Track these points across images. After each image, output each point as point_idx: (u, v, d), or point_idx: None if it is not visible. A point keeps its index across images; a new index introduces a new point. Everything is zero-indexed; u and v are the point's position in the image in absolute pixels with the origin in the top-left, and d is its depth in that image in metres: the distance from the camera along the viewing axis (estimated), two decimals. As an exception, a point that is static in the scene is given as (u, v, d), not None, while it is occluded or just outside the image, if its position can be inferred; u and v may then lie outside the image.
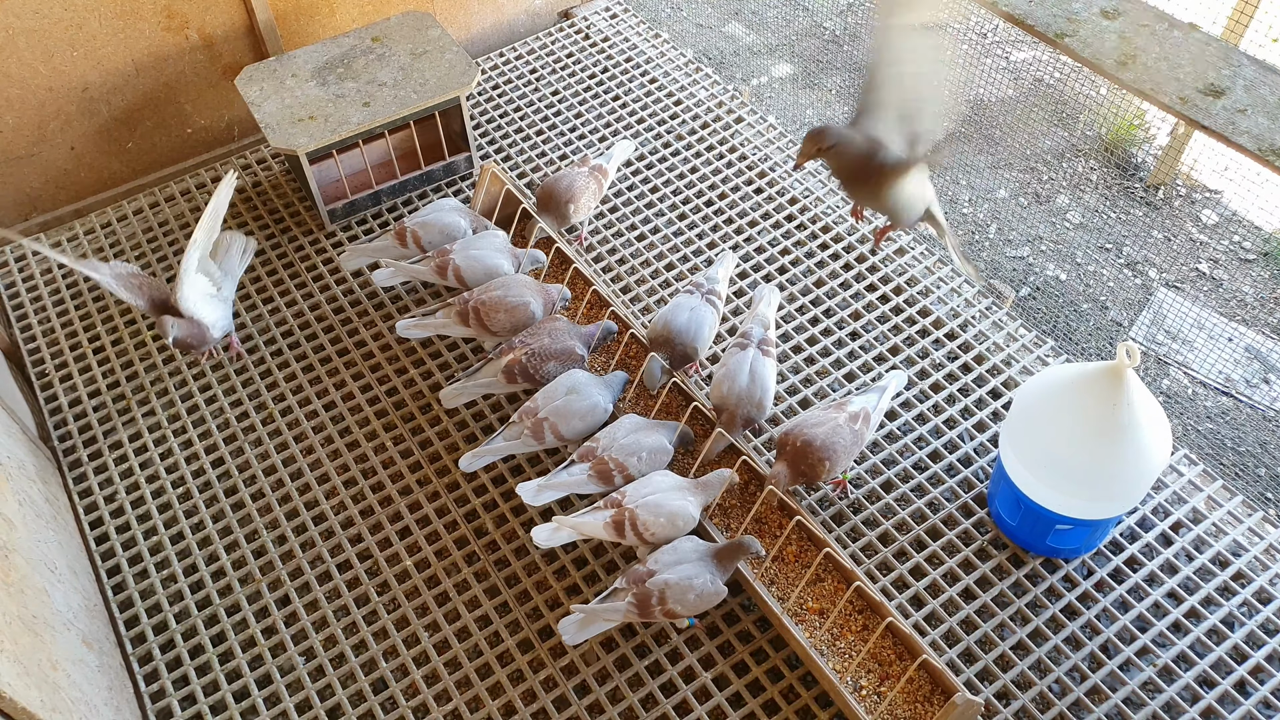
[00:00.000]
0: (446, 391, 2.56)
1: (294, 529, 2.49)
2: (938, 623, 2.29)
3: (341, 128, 2.91)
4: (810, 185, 3.22)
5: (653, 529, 2.18)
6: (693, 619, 2.26)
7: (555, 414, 2.38)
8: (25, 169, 3.20)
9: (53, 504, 2.44)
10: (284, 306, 2.97)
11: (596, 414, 2.41)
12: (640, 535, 2.19)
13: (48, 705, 1.74)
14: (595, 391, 2.42)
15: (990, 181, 3.94)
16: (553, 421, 2.38)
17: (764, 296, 2.63)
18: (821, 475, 2.28)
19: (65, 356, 2.87)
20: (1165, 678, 2.20)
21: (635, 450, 2.31)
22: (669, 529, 2.19)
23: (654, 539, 2.20)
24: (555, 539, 2.24)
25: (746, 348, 2.47)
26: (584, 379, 2.45)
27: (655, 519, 2.18)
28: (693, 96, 3.52)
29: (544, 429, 2.38)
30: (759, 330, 2.52)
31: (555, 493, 2.31)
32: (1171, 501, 2.47)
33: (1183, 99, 2.14)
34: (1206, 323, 3.44)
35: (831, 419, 2.33)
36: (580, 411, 2.39)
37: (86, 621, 2.20)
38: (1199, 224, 3.77)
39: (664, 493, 2.21)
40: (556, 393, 2.42)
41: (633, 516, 2.19)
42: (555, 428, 2.38)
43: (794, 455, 2.28)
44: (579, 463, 2.33)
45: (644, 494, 2.22)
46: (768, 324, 2.55)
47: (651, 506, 2.19)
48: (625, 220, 3.14)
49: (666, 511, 2.18)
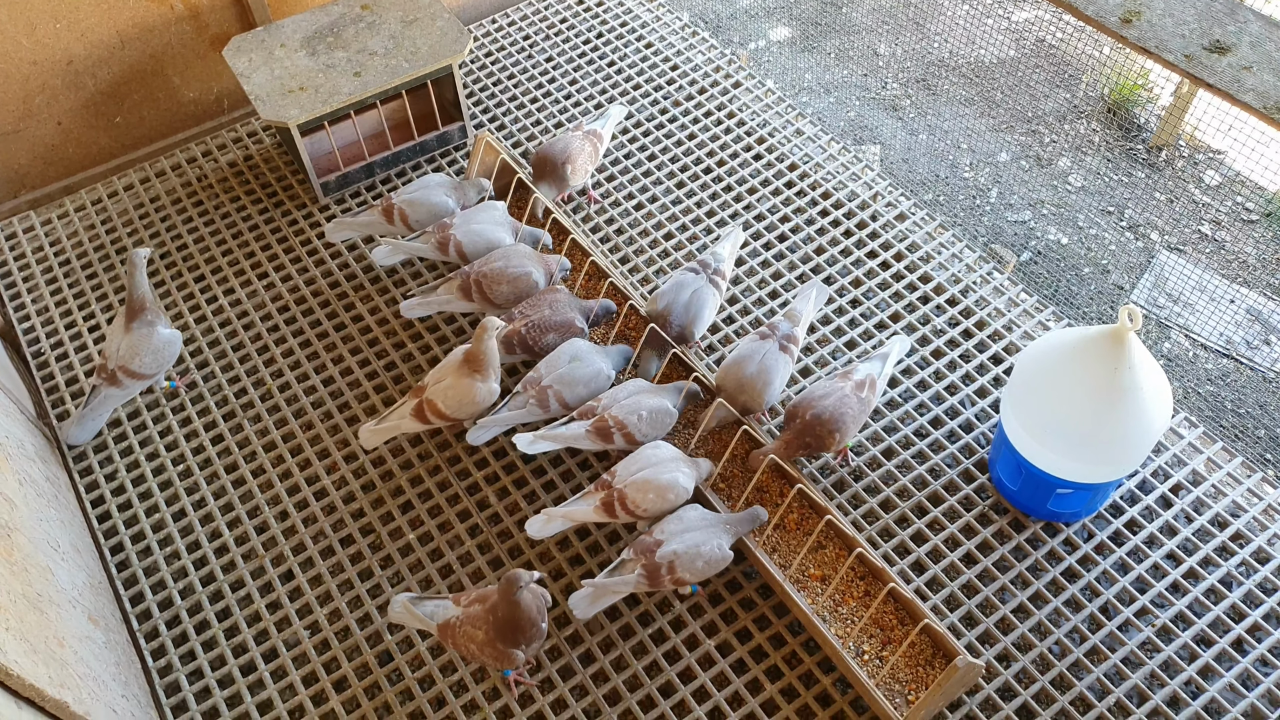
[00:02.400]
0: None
1: (295, 504, 2.49)
2: (939, 587, 2.30)
3: (333, 98, 2.87)
4: (810, 151, 3.19)
5: (644, 505, 2.18)
6: (695, 585, 2.27)
7: (559, 381, 2.38)
8: (12, 145, 3.16)
9: (53, 483, 2.44)
10: (279, 282, 2.95)
11: (600, 380, 2.41)
12: (632, 513, 2.20)
13: (55, 681, 1.75)
14: (598, 358, 2.42)
15: (991, 145, 3.90)
16: (557, 389, 2.37)
17: (808, 294, 2.56)
18: (831, 446, 2.28)
19: (61, 336, 2.86)
20: (1164, 637, 2.21)
21: (636, 409, 2.31)
22: (659, 503, 2.19)
23: (647, 515, 2.20)
24: (548, 530, 2.24)
25: (767, 339, 2.44)
26: (585, 347, 2.44)
27: (645, 495, 2.18)
28: (689, 61, 3.47)
29: (549, 396, 2.37)
30: (786, 325, 2.47)
31: (550, 445, 2.32)
32: (1171, 464, 2.47)
33: (1188, 56, 2.11)
34: (1208, 285, 3.43)
35: (838, 389, 2.32)
36: (584, 378, 2.39)
37: (92, 599, 2.21)
38: (1201, 185, 3.74)
39: (652, 467, 2.21)
40: (559, 361, 2.41)
41: (621, 496, 2.19)
42: (560, 395, 2.38)
43: (802, 428, 2.28)
44: (579, 420, 2.33)
45: (632, 472, 2.21)
46: (799, 320, 2.50)
47: (639, 484, 2.19)
48: (623, 190, 3.11)
49: (655, 486, 2.18)
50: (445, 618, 2.06)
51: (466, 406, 2.36)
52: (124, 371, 2.50)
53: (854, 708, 2.13)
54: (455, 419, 2.39)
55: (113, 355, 2.50)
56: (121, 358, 2.49)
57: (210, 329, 2.84)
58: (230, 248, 3.03)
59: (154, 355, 2.52)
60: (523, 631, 1.97)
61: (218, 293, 2.92)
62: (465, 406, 2.36)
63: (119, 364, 2.49)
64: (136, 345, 2.49)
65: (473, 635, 2.00)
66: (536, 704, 2.16)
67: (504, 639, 1.97)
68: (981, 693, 2.15)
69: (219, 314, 2.88)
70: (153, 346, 2.51)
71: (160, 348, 2.52)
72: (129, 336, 2.49)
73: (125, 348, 2.49)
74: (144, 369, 2.51)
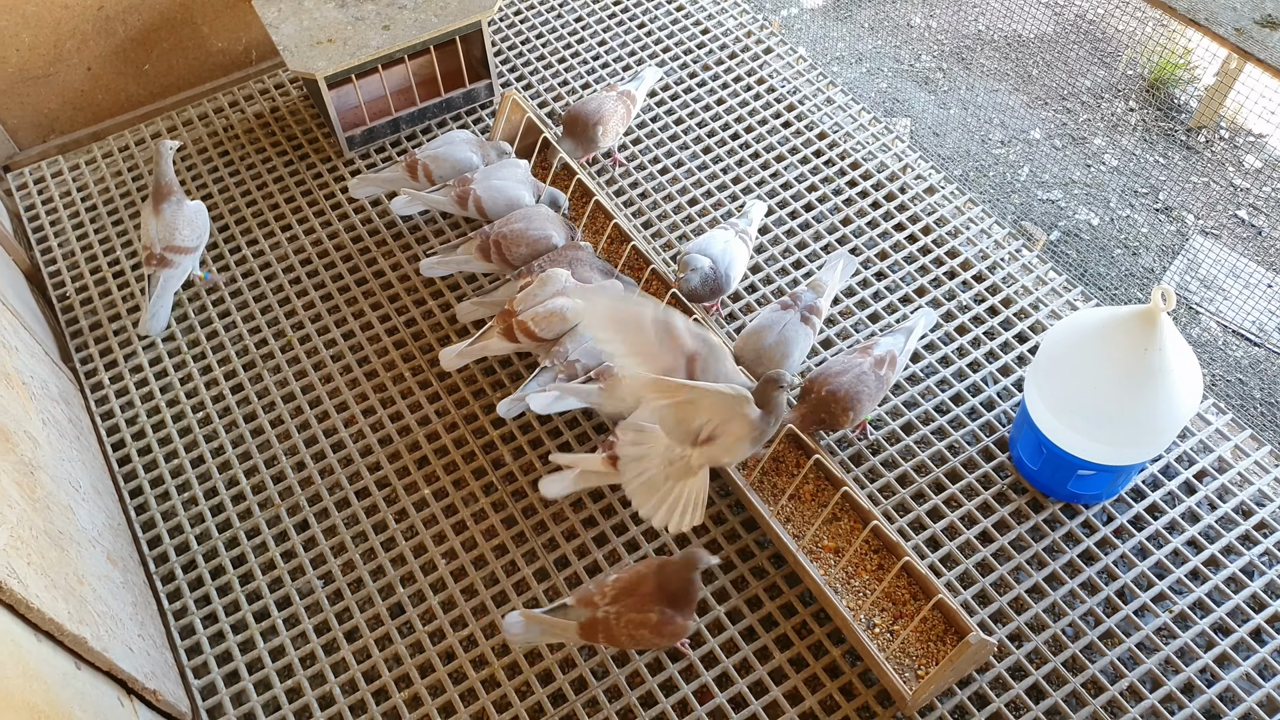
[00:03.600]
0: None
1: (312, 455, 2.50)
2: (953, 564, 2.28)
3: (361, 51, 2.85)
4: (840, 120, 3.14)
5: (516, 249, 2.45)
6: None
7: (587, 355, 2.40)
8: (42, 89, 3.16)
9: (75, 425, 2.46)
10: (302, 235, 2.94)
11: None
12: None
13: (75, 618, 1.78)
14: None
15: (1025, 121, 3.83)
16: (586, 362, 2.40)
17: (834, 264, 2.53)
18: (845, 424, 2.26)
19: (86, 280, 2.87)
20: (1180, 624, 2.19)
21: None
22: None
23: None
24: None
25: (789, 309, 2.41)
26: None
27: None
28: (720, 25, 3.42)
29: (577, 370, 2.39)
30: (810, 296, 2.44)
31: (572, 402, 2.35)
32: (1197, 449, 2.44)
33: (1238, 30, 2.05)
34: (1242, 271, 3.36)
35: (856, 365, 2.29)
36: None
37: (111, 539, 2.23)
38: (1240, 169, 3.66)
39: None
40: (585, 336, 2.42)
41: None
42: (587, 367, 2.40)
43: (816, 404, 2.25)
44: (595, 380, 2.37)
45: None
46: (823, 291, 2.46)
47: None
48: (649, 153, 3.08)
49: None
50: (581, 618, 2.01)
51: (556, 327, 2.41)
52: (169, 250, 2.63)
53: (863, 680, 2.13)
54: (545, 340, 2.43)
55: (155, 240, 2.64)
56: (163, 239, 2.63)
57: (233, 279, 2.85)
58: (255, 199, 3.03)
59: (190, 227, 2.66)
60: (693, 602, 2.00)
61: (241, 243, 2.92)
62: (555, 327, 2.41)
63: (164, 245, 2.63)
64: (172, 223, 2.63)
65: (643, 621, 1.97)
66: (544, 660, 2.17)
67: (683, 613, 1.99)
68: (992, 671, 2.14)
69: (242, 264, 2.88)
70: (186, 218, 2.65)
71: (193, 218, 2.67)
72: (161, 218, 2.63)
73: (162, 229, 2.63)
74: (186, 242, 2.65)
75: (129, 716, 1.85)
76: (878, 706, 2.09)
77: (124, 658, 1.90)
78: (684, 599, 1.98)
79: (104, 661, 1.83)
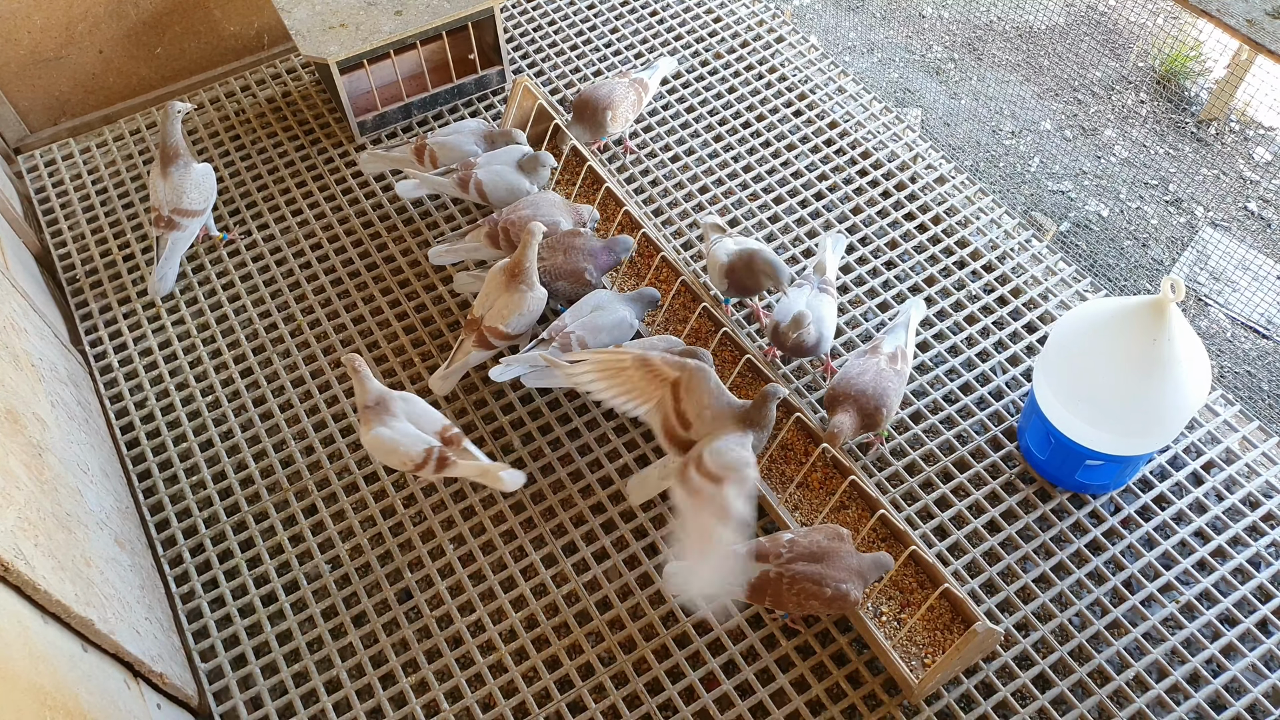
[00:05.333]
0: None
1: (321, 440, 2.51)
2: (961, 554, 2.28)
3: (373, 36, 2.84)
4: (851, 110, 3.13)
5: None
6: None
7: (583, 328, 2.40)
8: (54, 71, 3.16)
9: (84, 407, 2.47)
10: (313, 219, 2.94)
11: (623, 327, 2.43)
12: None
13: (82, 600, 1.78)
14: (621, 306, 2.44)
15: (1035, 112, 3.82)
16: (580, 334, 2.38)
17: (825, 243, 2.58)
18: (880, 422, 2.26)
19: (96, 263, 2.88)
20: (1187, 614, 2.19)
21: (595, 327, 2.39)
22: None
23: None
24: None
25: (804, 286, 2.45)
26: (607, 296, 2.46)
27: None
28: (733, 14, 3.41)
29: (572, 341, 2.38)
30: (816, 279, 2.49)
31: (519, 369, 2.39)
32: (1205, 441, 2.43)
33: (1250, 21, 2.04)
34: (1251, 263, 3.35)
35: (873, 365, 2.29)
36: (608, 325, 2.41)
37: (119, 522, 2.24)
38: (1250, 162, 3.64)
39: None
40: (583, 309, 2.43)
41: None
42: (583, 340, 2.38)
43: (852, 409, 2.25)
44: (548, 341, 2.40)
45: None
46: (824, 271, 2.51)
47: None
48: (659, 140, 3.07)
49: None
50: (752, 576, 2.01)
51: (525, 319, 2.41)
52: (177, 213, 2.65)
53: (870, 668, 2.13)
54: (517, 336, 2.43)
55: (163, 202, 2.65)
56: (170, 201, 2.65)
57: (243, 263, 2.85)
58: (266, 183, 3.03)
59: (197, 190, 2.68)
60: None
61: (252, 227, 2.93)
62: (523, 319, 2.40)
63: (171, 208, 2.65)
64: (180, 185, 2.65)
65: (827, 577, 1.98)
66: (550, 646, 2.17)
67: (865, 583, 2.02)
68: (998, 660, 2.14)
69: (252, 248, 2.89)
70: (194, 181, 2.68)
71: (200, 180, 2.69)
72: (169, 181, 2.65)
73: (170, 191, 2.65)
74: (194, 205, 2.68)
75: (135, 699, 1.85)
76: (884, 694, 2.10)
77: (131, 640, 1.91)
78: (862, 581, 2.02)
79: (111, 644, 1.83)
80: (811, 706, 2.09)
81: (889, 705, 2.08)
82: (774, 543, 2.03)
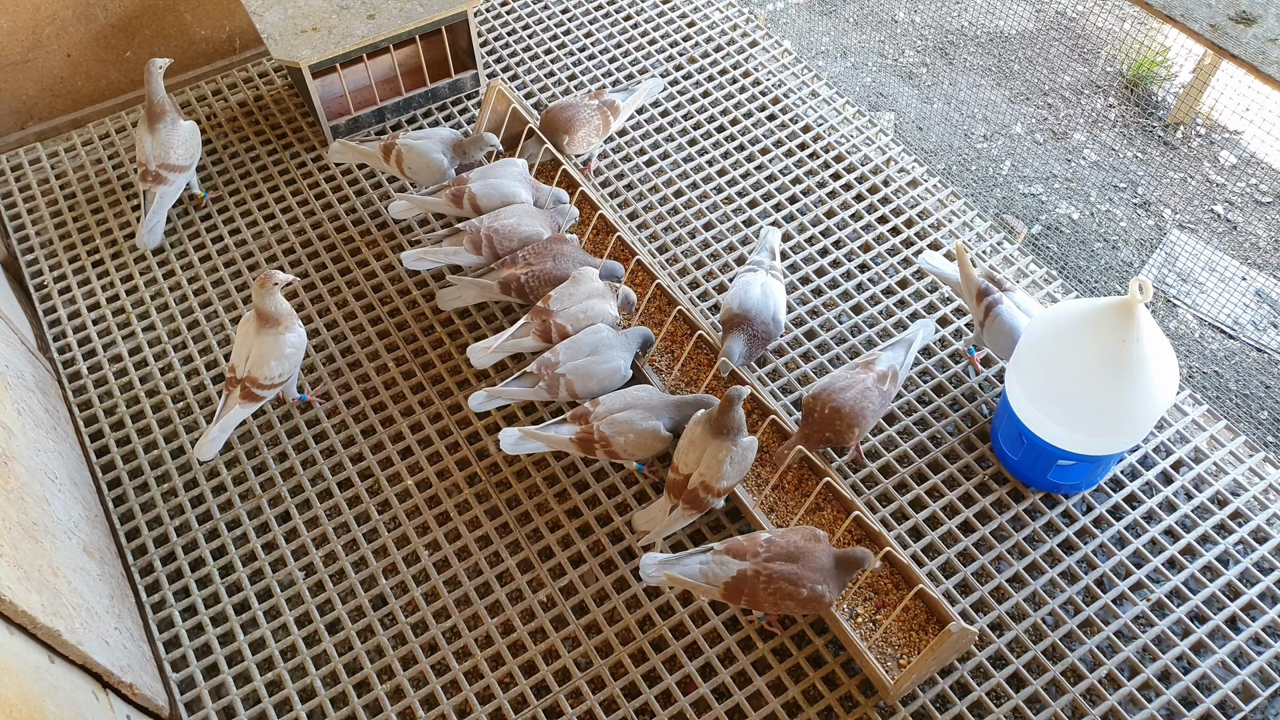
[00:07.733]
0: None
1: (295, 445, 2.49)
2: (935, 554, 2.30)
3: (345, 40, 2.83)
4: (825, 114, 3.15)
5: (625, 449, 2.25)
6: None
7: (574, 372, 2.34)
8: (20, 75, 3.12)
9: (52, 415, 2.44)
10: (285, 224, 2.92)
11: (615, 379, 2.38)
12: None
13: (48, 610, 1.75)
14: (619, 354, 2.38)
15: (1006, 116, 3.86)
16: (570, 379, 2.34)
17: (766, 235, 2.64)
18: (850, 440, 2.25)
19: (64, 269, 2.84)
20: (1158, 612, 2.22)
21: (626, 430, 2.26)
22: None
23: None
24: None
25: (756, 270, 2.48)
26: (609, 338, 2.38)
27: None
28: (706, 19, 3.42)
29: (560, 385, 2.35)
30: (766, 260, 2.53)
31: (536, 445, 2.31)
32: (1174, 440, 2.47)
33: (1213, 26, 2.07)
34: (1218, 265, 3.40)
35: (859, 381, 2.28)
36: (600, 374, 2.35)
37: (87, 531, 2.21)
38: (1216, 165, 3.70)
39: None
40: (580, 349, 2.36)
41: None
42: (571, 385, 2.34)
43: (821, 421, 2.25)
44: (570, 424, 2.31)
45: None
46: (773, 254, 2.57)
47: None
48: (634, 145, 3.08)
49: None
50: (729, 575, 2.01)
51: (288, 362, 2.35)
52: (164, 168, 2.70)
53: (846, 670, 2.14)
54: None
55: (150, 157, 2.70)
56: (158, 156, 2.69)
57: (214, 268, 2.82)
58: (238, 187, 3.01)
59: (184, 145, 2.73)
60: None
61: (223, 232, 2.90)
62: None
63: (159, 163, 2.69)
64: (167, 141, 2.70)
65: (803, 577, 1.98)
66: (527, 651, 2.17)
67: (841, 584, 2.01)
68: (973, 659, 2.15)
69: (224, 254, 2.86)
70: (181, 137, 2.72)
71: (187, 137, 2.74)
72: (157, 137, 2.70)
73: (157, 147, 2.70)
74: (180, 160, 2.73)
75: (105, 710, 1.83)
76: (860, 696, 2.11)
77: (99, 651, 1.88)
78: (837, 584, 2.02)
79: (78, 655, 1.81)
80: (788, 708, 2.09)
81: (865, 706, 2.09)
82: (751, 541, 2.03)
